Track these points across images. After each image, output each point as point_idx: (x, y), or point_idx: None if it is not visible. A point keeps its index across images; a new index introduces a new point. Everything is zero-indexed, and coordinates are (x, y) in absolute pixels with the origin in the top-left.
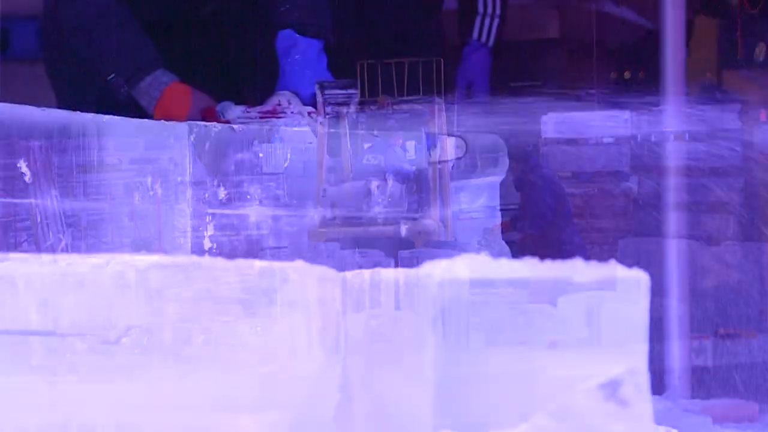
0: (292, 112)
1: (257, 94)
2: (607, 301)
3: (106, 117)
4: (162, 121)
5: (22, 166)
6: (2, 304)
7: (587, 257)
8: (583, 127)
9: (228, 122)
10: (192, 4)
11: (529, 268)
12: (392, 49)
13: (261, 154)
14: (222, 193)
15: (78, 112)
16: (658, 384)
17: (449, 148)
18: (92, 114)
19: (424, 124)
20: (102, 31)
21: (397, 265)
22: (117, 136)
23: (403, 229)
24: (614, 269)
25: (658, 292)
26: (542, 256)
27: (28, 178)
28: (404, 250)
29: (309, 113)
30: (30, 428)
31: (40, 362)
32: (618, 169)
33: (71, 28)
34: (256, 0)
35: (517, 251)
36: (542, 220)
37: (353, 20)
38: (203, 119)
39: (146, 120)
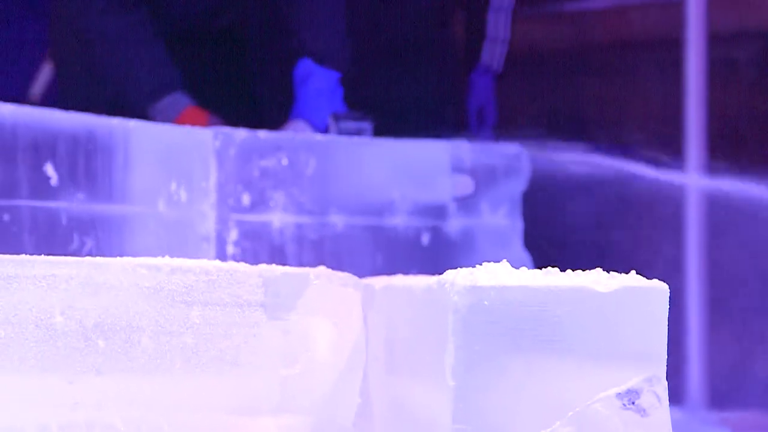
0: None
1: (271, 121)
2: (627, 310)
3: (133, 121)
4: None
5: (48, 169)
6: (28, 305)
7: None
8: None
9: None
10: (205, 21)
11: (549, 276)
12: (402, 62)
13: (285, 161)
14: (246, 199)
15: (104, 116)
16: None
17: (457, 185)
18: (119, 118)
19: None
20: (126, 46)
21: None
22: (142, 140)
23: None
24: (634, 279)
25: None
26: None
27: (54, 181)
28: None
29: None
30: (51, 427)
31: (62, 362)
32: None
33: (96, 40)
34: (274, 28)
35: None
36: None
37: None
38: None
39: (172, 125)
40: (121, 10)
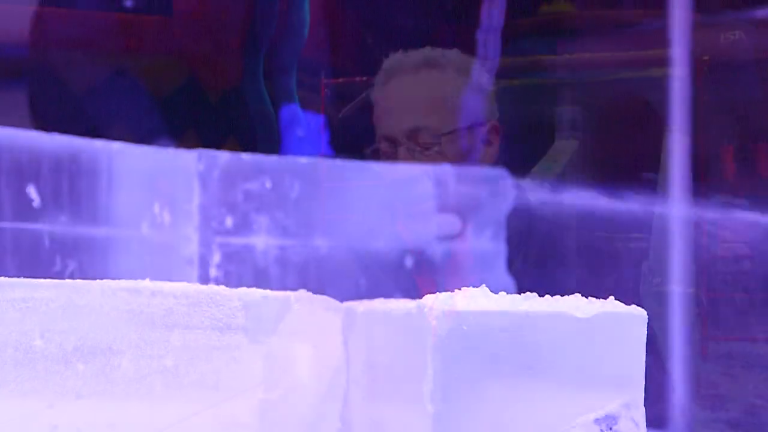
0: None
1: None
2: (605, 335)
3: (117, 143)
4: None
5: (31, 191)
6: (8, 328)
7: None
8: None
9: None
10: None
11: (528, 301)
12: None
13: (269, 184)
14: (229, 222)
15: (88, 138)
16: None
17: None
18: (102, 140)
19: None
20: (111, 95)
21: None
22: (126, 162)
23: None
24: (613, 305)
25: None
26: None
27: (36, 203)
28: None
29: None
30: None
31: (41, 385)
32: None
33: (81, 88)
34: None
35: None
36: None
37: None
38: None
39: (156, 147)
40: (106, 62)
